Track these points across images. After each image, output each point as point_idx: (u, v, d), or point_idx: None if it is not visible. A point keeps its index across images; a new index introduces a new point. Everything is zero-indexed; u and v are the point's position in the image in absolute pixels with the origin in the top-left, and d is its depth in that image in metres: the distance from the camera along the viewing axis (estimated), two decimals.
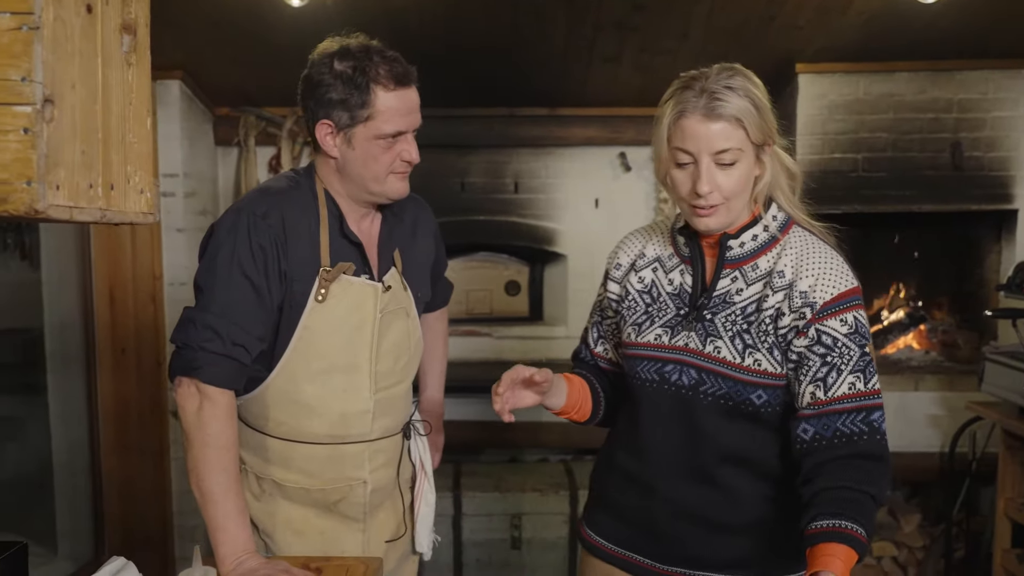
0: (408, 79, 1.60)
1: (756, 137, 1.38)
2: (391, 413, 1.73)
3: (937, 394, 3.54)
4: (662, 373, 1.48)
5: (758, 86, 1.40)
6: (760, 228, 1.46)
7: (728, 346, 1.43)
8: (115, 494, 3.48)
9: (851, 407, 1.36)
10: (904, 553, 3.62)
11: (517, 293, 4.07)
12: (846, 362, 1.37)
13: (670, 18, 3.09)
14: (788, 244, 1.44)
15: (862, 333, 1.39)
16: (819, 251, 1.44)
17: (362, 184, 1.63)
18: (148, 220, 1.24)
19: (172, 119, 3.48)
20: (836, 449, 1.35)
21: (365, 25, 1.92)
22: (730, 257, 1.46)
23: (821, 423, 1.36)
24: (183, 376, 1.50)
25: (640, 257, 1.58)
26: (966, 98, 3.44)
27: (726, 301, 1.45)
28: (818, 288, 1.39)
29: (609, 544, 1.60)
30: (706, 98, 1.36)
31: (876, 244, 3.98)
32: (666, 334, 1.49)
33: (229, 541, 1.45)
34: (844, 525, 1.27)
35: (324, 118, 1.59)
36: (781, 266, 1.42)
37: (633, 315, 1.54)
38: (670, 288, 1.52)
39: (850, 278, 1.42)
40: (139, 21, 1.19)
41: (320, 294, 1.60)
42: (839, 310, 1.39)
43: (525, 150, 3.86)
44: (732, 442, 1.45)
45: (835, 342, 1.38)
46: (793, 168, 1.47)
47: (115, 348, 3.46)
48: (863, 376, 1.37)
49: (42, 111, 0.95)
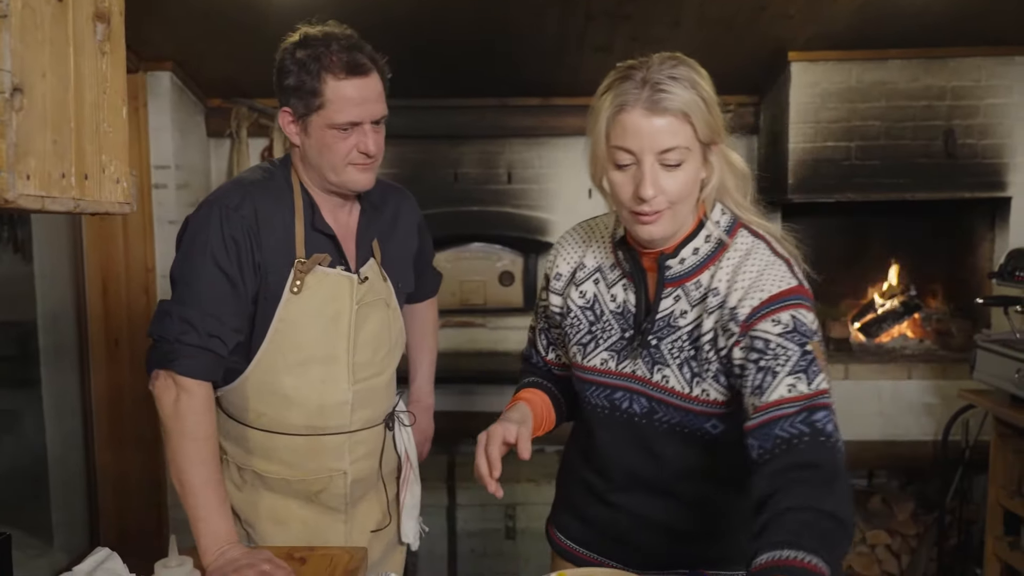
0: (363, 69, 1.56)
1: (704, 135, 1.25)
2: (371, 404, 1.73)
3: (930, 382, 3.54)
4: (612, 400, 1.39)
5: (705, 78, 1.26)
6: (701, 240, 1.33)
7: (676, 375, 1.32)
8: (109, 486, 3.49)
9: (790, 412, 1.19)
10: (897, 541, 3.62)
11: (511, 284, 4.07)
12: (782, 364, 1.21)
13: (661, 6, 3.08)
14: (728, 257, 1.31)
15: (801, 331, 1.23)
16: (756, 259, 1.30)
17: (322, 174, 1.62)
18: (125, 210, 1.23)
19: (163, 110, 3.47)
20: (778, 460, 1.17)
21: (354, 15, 1.91)
22: (670, 276, 1.33)
23: (762, 434, 1.20)
24: (160, 369, 1.50)
25: (580, 268, 1.45)
26: (959, 85, 3.43)
27: (670, 324, 1.33)
28: (746, 299, 1.26)
29: (575, 546, 1.57)
30: (649, 90, 1.22)
31: (869, 232, 3.98)
32: (612, 359, 1.38)
33: (210, 532, 1.45)
34: (797, 558, 1.06)
35: (284, 105, 1.59)
36: (716, 282, 1.30)
37: (577, 334, 1.43)
38: (613, 305, 1.40)
39: (787, 279, 1.27)
40: (113, 10, 1.18)
41: (295, 285, 1.60)
42: (771, 311, 1.24)
43: (518, 140, 3.86)
44: (693, 463, 1.38)
45: (767, 344, 1.22)
46: (743, 168, 1.34)
47: (108, 340, 3.46)
48: (804, 376, 1.20)
49: (11, 100, 0.95)
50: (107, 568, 1.41)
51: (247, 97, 3.72)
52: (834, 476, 1.15)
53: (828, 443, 1.17)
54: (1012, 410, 2.84)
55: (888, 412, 3.54)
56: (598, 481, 1.49)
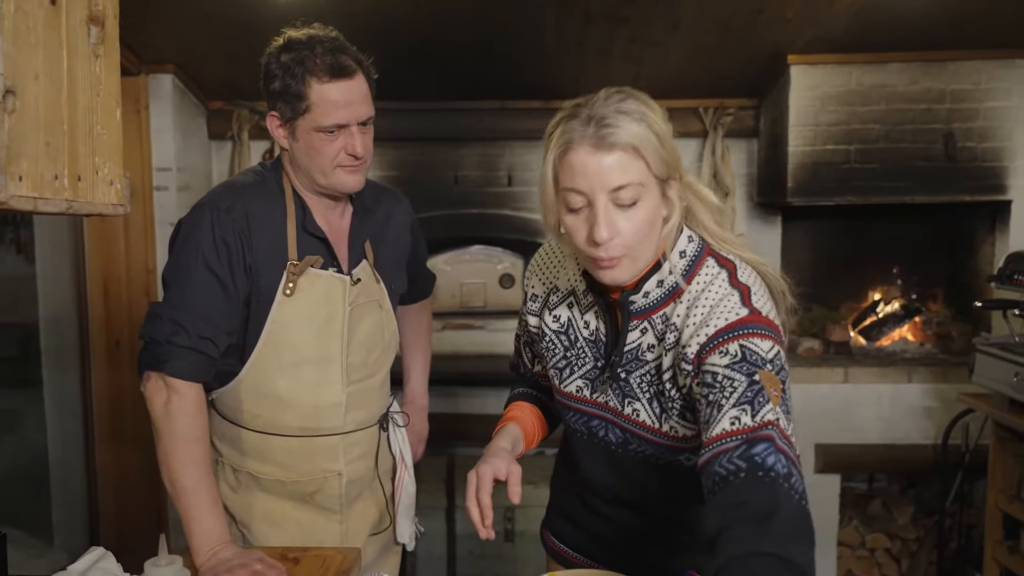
0: (348, 71, 1.56)
1: (658, 170, 1.18)
2: (365, 406, 1.73)
3: (930, 386, 3.53)
4: (590, 427, 1.39)
5: (655, 110, 1.19)
6: (665, 272, 1.26)
7: (646, 409, 1.30)
8: (109, 487, 3.50)
9: (731, 446, 1.10)
10: (897, 545, 3.62)
11: (511, 286, 4.08)
12: (727, 396, 1.13)
13: (660, 9, 3.09)
14: (689, 291, 1.25)
15: (751, 360, 1.15)
16: (711, 292, 1.23)
17: (311, 177, 1.63)
18: (118, 212, 1.24)
19: (165, 113, 3.49)
20: (718, 498, 1.09)
21: (354, 18, 1.92)
22: (635, 310, 1.28)
23: (707, 471, 1.12)
24: (151, 370, 1.51)
25: (553, 291, 1.41)
26: (959, 88, 3.42)
27: (638, 358, 1.29)
28: (696, 336, 1.20)
29: (570, 551, 1.58)
30: (594, 126, 1.15)
31: (869, 236, 3.98)
32: (587, 387, 1.36)
33: (203, 532, 1.46)
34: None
35: (271, 109, 1.60)
36: (675, 318, 1.25)
37: (553, 358, 1.40)
38: (586, 332, 1.36)
39: (738, 310, 1.20)
40: (107, 13, 1.20)
41: (288, 288, 1.60)
42: (720, 343, 1.17)
43: (518, 143, 3.86)
44: (672, 488, 1.38)
45: (715, 377, 1.16)
46: (714, 202, 1.29)
47: (109, 342, 3.47)
48: (750, 408, 1.12)
49: (3, 102, 0.96)
50: (101, 567, 1.42)
51: (248, 99, 3.74)
52: (769, 514, 1.03)
53: (766, 478, 1.07)
54: (1011, 414, 2.83)
55: (888, 416, 3.54)
56: (586, 494, 1.50)
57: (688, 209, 1.28)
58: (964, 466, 3.38)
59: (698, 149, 3.75)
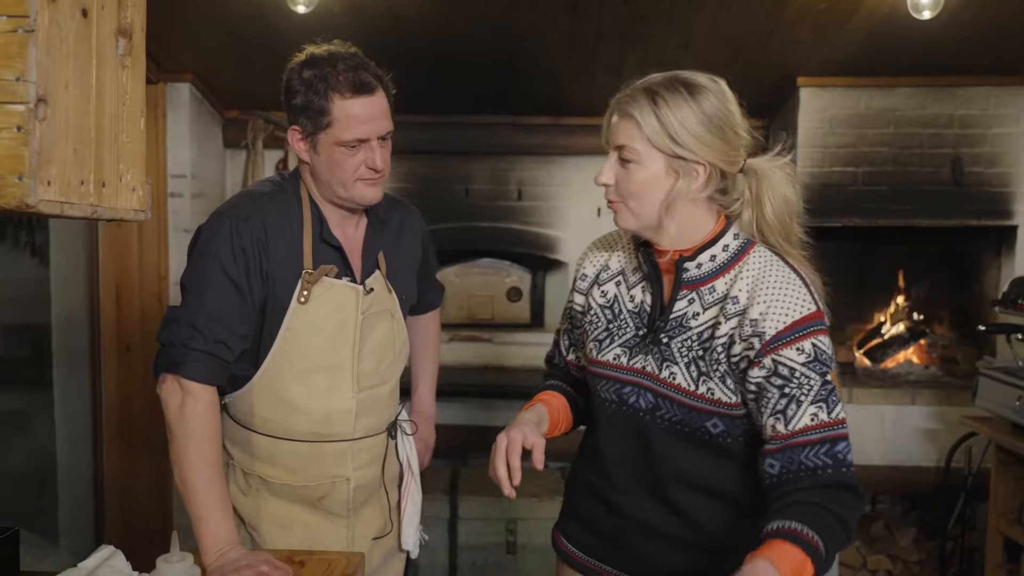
0: (369, 87, 1.60)
1: (658, 143, 1.32)
2: (374, 413, 1.76)
3: (934, 408, 3.54)
4: (621, 394, 1.46)
5: (692, 99, 1.33)
6: (719, 248, 1.40)
7: (683, 373, 1.39)
8: (116, 489, 3.53)
9: (815, 439, 1.29)
10: (899, 567, 3.62)
11: (519, 300, 4.10)
12: (805, 392, 1.30)
13: (672, 29, 3.13)
14: (746, 267, 1.38)
15: (822, 360, 1.31)
16: (776, 274, 1.36)
17: (331, 189, 1.66)
18: (140, 217, 1.28)
19: (182, 121, 3.54)
20: (801, 482, 1.28)
21: (370, 33, 1.96)
22: (687, 279, 1.41)
23: (785, 457, 1.30)
24: (166, 373, 1.54)
25: (604, 269, 1.54)
26: (967, 114, 3.45)
27: (682, 325, 1.40)
28: (769, 316, 1.32)
29: (580, 553, 1.61)
30: (623, 94, 1.37)
31: (876, 258, 4.00)
32: (625, 354, 1.45)
33: (211, 532, 1.48)
34: (800, 529, 1.20)
35: (293, 124, 1.63)
36: (736, 291, 1.36)
37: (595, 330, 1.51)
38: (631, 305, 1.48)
39: (808, 303, 1.33)
40: (135, 25, 1.24)
41: (303, 296, 1.64)
42: (795, 338, 1.31)
43: (529, 158, 3.90)
44: (689, 467, 1.43)
45: (792, 372, 1.30)
46: (784, 196, 1.41)
47: (120, 345, 3.51)
48: (825, 406, 1.30)
49: (35, 110, 1.00)
50: (111, 565, 1.45)
51: (263, 109, 3.79)
52: (850, 495, 1.27)
53: (849, 472, 1.29)
54: (1013, 438, 2.84)
55: (891, 437, 3.55)
56: (600, 482, 1.54)
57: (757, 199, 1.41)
58: (966, 489, 3.39)
59: None
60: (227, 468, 1.74)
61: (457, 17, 3.12)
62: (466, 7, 3.05)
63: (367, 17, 3.04)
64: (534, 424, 1.48)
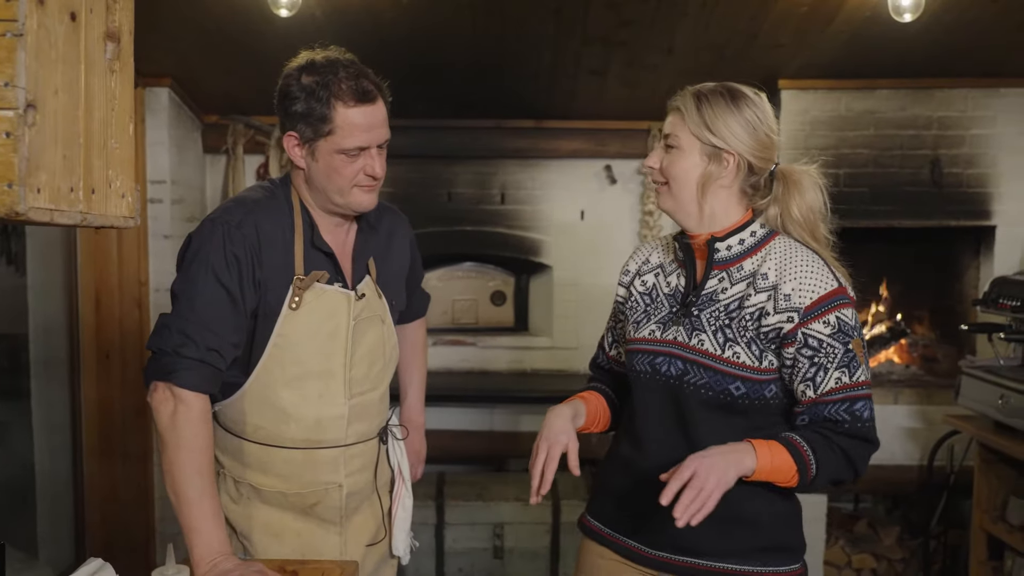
0: (370, 96, 1.60)
1: (697, 132, 1.54)
2: (366, 418, 1.75)
3: (916, 407, 3.58)
4: (654, 364, 1.59)
5: (734, 103, 1.53)
6: (747, 233, 1.58)
7: (711, 339, 1.54)
8: (97, 500, 3.48)
9: (837, 398, 1.49)
10: (883, 565, 3.65)
11: (503, 303, 4.10)
12: (831, 360, 1.48)
13: (655, 33, 3.14)
14: (773, 249, 1.56)
15: (845, 331, 1.49)
16: (801, 256, 1.54)
17: (327, 196, 1.65)
18: (129, 224, 1.26)
19: (161, 126, 3.50)
20: (821, 427, 1.50)
21: (353, 37, 1.95)
22: (718, 259, 1.58)
23: (812, 411, 1.50)
24: (158, 381, 1.52)
25: (645, 263, 1.73)
26: (945, 116, 3.49)
27: (712, 299, 1.57)
28: (801, 291, 1.49)
29: (604, 528, 1.68)
30: (677, 96, 1.59)
31: (857, 259, 4.02)
32: (659, 329, 1.62)
33: (204, 543, 1.46)
34: (797, 440, 1.45)
35: (290, 130, 1.62)
36: (765, 269, 1.54)
37: (634, 314, 1.68)
38: (667, 290, 1.66)
39: (831, 280, 1.51)
40: (123, 29, 1.22)
41: (294, 302, 1.62)
42: (822, 312, 1.49)
43: (512, 162, 3.90)
44: (713, 431, 1.52)
45: (820, 343, 1.48)
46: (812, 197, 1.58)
47: (100, 353, 3.46)
48: (848, 371, 1.49)
49: (24, 116, 0.97)
50: None
51: (244, 114, 3.76)
52: (861, 441, 1.49)
53: (865, 426, 1.50)
54: (995, 436, 2.88)
55: None
56: (633, 452, 1.64)
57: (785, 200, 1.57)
58: (949, 487, 3.42)
59: None
60: (218, 477, 1.72)
61: (441, 21, 3.11)
62: (450, 11, 3.05)
63: (350, 21, 3.02)
64: (570, 420, 1.59)
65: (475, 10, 3.04)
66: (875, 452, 1.51)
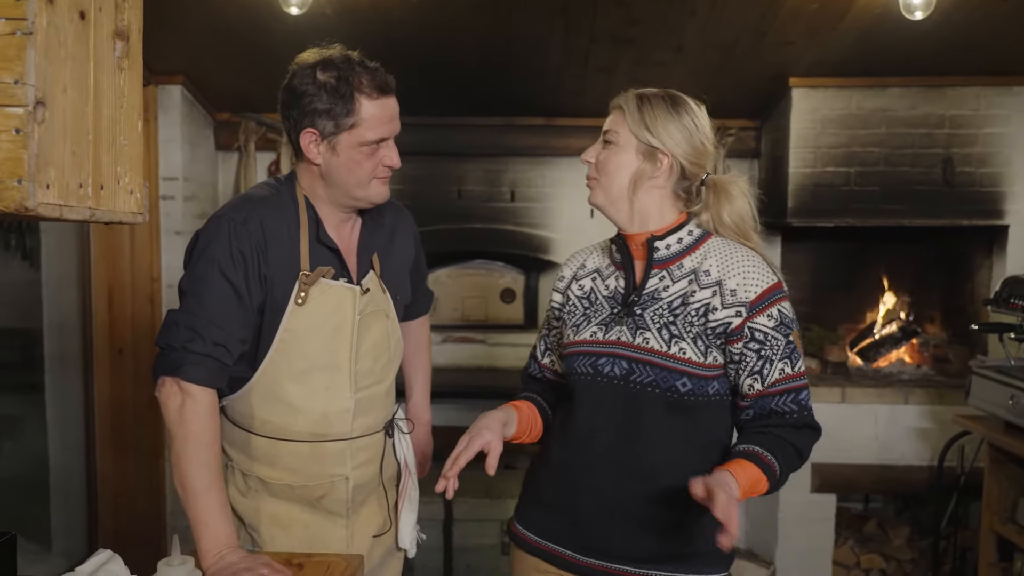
0: (389, 88, 1.65)
1: (635, 130, 1.56)
2: (372, 412, 1.77)
3: (926, 407, 3.56)
4: (596, 366, 1.59)
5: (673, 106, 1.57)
6: (684, 232, 1.61)
7: (656, 336, 1.55)
8: (109, 493, 3.51)
9: (782, 389, 1.54)
10: (892, 566, 3.64)
11: (512, 301, 4.11)
12: (775, 352, 1.53)
13: (664, 31, 3.14)
14: (711, 247, 1.59)
15: (786, 323, 1.55)
16: (741, 253, 1.58)
17: (346, 190, 1.67)
18: (137, 220, 1.27)
19: (173, 123, 3.53)
20: (768, 420, 1.55)
21: (363, 35, 1.96)
22: (658, 258, 1.60)
23: (759, 405, 1.55)
24: (166, 375, 1.54)
25: (581, 268, 1.74)
26: (958, 114, 3.47)
27: (654, 297, 1.58)
28: (746, 286, 1.54)
29: (534, 536, 1.67)
30: (620, 96, 1.62)
31: (868, 258, 4.02)
32: (601, 331, 1.61)
33: (211, 535, 1.48)
34: (760, 452, 1.48)
35: (309, 127, 1.63)
36: (707, 266, 1.57)
37: (572, 318, 1.68)
38: (606, 292, 1.66)
39: (770, 275, 1.56)
40: (132, 28, 1.23)
41: (300, 297, 1.64)
42: (765, 306, 1.54)
43: (521, 159, 3.91)
44: (657, 432, 1.55)
45: (765, 336, 1.53)
46: (741, 199, 1.61)
47: (112, 349, 3.50)
48: (790, 361, 1.54)
49: (34, 113, 0.99)
50: (108, 569, 1.44)
51: (255, 111, 3.78)
52: (807, 431, 1.55)
53: (809, 415, 1.56)
54: (1005, 436, 2.86)
55: (884, 437, 3.56)
56: (567, 457, 1.62)
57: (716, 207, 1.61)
58: (959, 488, 3.41)
59: None
60: (226, 470, 1.74)
61: (450, 19, 3.12)
62: (459, 9, 3.06)
63: (360, 19, 3.04)
64: (499, 425, 1.61)
65: (484, 8, 3.05)
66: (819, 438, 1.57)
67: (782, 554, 3.56)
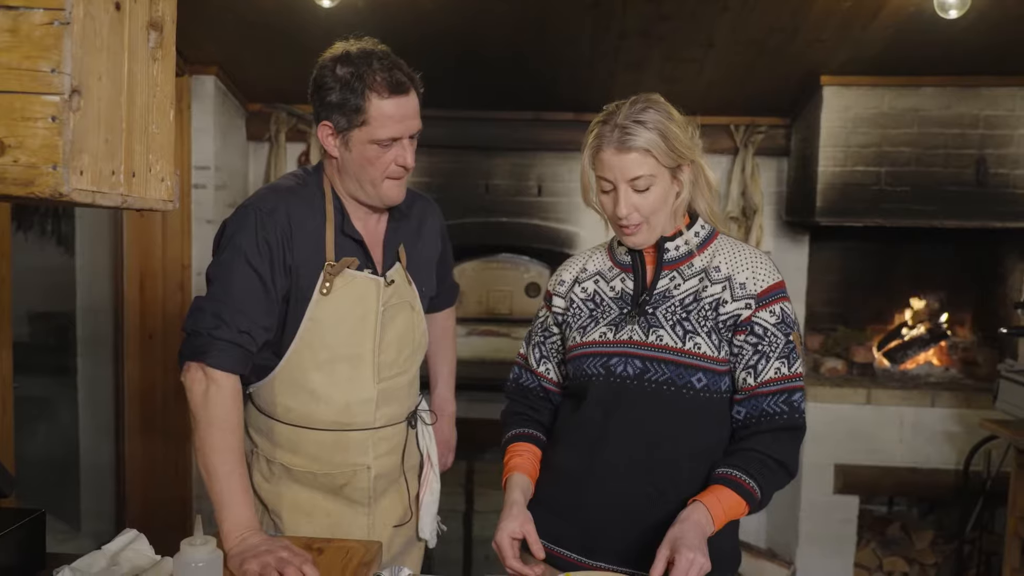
0: (404, 87, 1.63)
1: (667, 162, 1.51)
2: (394, 402, 1.79)
3: (954, 411, 3.52)
4: (608, 366, 1.56)
5: (670, 116, 1.52)
6: (692, 234, 1.61)
7: (669, 333, 1.54)
8: (137, 476, 3.58)
9: (775, 389, 1.53)
10: (916, 569, 3.61)
11: (537, 295, 4.11)
12: (773, 349, 1.53)
13: (694, 28, 3.12)
14: (720, 246, 1.61)
15: (787, 323, 1.55)
16: (748, 250, 1.60)
17: (359, 185, 1.69)
18: (168, 207, 1.30)
19: (206, 113, 3.58)
20: (760, 426, 1.53)
21: (394, 28, 1.98)
22: (668, 259, 1.60)
23: (750, 404, 1.54)
24: (191, 361, 1.56)
25: (582, 272, 1.69)
26: (992, 115, 3.42)
27: (666, 296, 1.58)
28: (754, 280, 1.55)
29: (547, 543, 1.60)
30: (618, 132, 1.50)
31: (898, 258, 3.97)
32: (611, 331, 1.59)
33: (232, 518, 1.50)
34: (737, 475, 1.46)
35: (325, 119, 1.65)
36: (717, 263, 1.58)
37: (578, 320, 1.64)
38: (612, 293, 1.63)
39: (775, 273, 1.58)
40: (166, 18, 1.26)
41: (325, 287, 1.66)
42: (768, 302, 1.55)
43: (549, 154, 3.91)
44: (671, 433, 1.53)
45: (765, 332, 1.53)
46: (714, 183, 1.63)
47: (143, 334, 3.56)
48: (787, 361, 1.54)
49: (69, 101, 1.02)
50: (135, 548, 1.48)
51: (287, 103, 3.82)
52: (793, 437, 1.53)
53: (801, 417, 1.54)
54: None
55: (910, 439, 3.53)
56: (573, 458, 1.58)
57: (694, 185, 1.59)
58: (985, 492, 3.37)
59: (728, 166, 3.77)
60: (251, 456, 1.78)
61: (480, 13, 3.13)
62: (489, 3, 3.06)
63: (391, 12, 3.06)
64: (521, 506, 1.56)
65: (514, 3, 3.05)
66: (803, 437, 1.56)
67: (803, 554, 3.54)
